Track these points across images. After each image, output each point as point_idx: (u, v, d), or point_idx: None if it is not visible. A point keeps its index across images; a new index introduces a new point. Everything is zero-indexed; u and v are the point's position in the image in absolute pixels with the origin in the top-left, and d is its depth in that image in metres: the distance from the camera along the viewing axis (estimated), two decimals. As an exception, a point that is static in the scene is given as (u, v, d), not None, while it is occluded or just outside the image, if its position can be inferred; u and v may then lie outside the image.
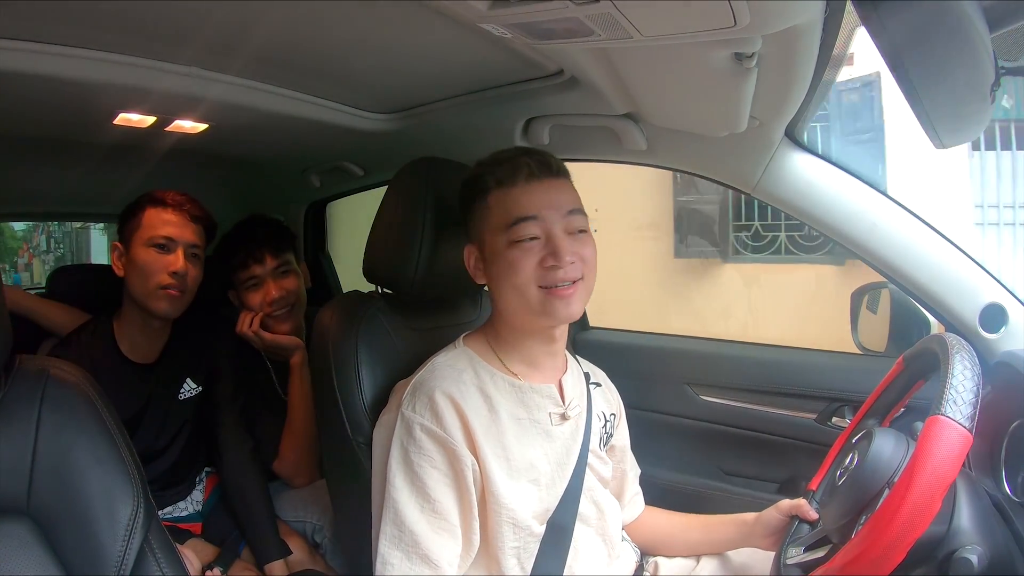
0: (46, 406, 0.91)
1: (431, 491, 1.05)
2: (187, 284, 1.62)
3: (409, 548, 1.04)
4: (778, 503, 1.24)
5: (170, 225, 1.61)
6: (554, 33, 0.94)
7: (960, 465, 0.86)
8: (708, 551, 1.35)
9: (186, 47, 1.20)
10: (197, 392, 1.75)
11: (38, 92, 1.28)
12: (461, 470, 1.06)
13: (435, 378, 1.11)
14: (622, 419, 1.39)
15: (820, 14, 0.90)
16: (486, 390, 1.13)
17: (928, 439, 0.86)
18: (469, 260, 1.18)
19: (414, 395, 1.10)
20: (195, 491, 1.81)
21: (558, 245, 1.08)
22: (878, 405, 1.21)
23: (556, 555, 1.14)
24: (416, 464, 1.06)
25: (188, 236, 1.63)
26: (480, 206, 1.14)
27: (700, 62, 1.01)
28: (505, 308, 1.15)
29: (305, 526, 1.80)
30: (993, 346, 1.34)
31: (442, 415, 1.06)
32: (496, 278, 1.13)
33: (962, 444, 0.85)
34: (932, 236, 1.38)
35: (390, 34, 1.16)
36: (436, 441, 1.06)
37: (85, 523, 0.90)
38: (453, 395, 1.08)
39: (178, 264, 1.59)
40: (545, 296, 1.09)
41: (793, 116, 1.31)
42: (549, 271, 1.08)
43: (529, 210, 1.10)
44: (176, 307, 1.63)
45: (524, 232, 1.09)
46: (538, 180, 1.12)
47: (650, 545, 1.40)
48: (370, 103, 1.60)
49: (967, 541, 0.89)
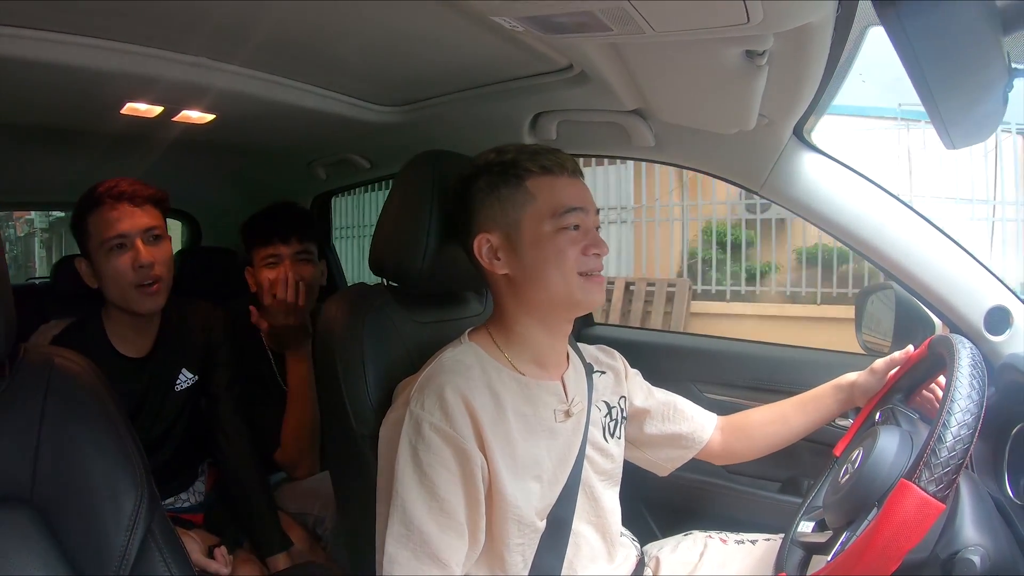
0: (50, 396, 0.91)
1: (440, 490, 1.04)
2: (159, 271, 1.57)
3: (417, 547, 1.03)
4: (872, 365, 1.28)
5: (115, 221, 1.54)
6: (567, 27, 0.94)
7: (923, 533, 0.85)
8: (812, 429, 1.37)
9: (194, 36, 1.20)
10: (194, 382, 1.73)
11: (46, 80, 1.28)
12: (471, 469, 1.05)
13: (444, 374, 1.10)
14: (635, 383, 1.39)
15: (832, 12, 0.90)
16: (493, 387, 1.12)
17: (893, 505, 0.87)
18: (481, 248, 1.15)
19: (423, 392, 1.08)
20: (197, 482, 1.82)
21: (596, 235, 1.15)
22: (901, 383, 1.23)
23: (555, 550, 1.15)
24: (425, 463, 1.05)
25: (139, 222, 1.56)
26: (514, 192, 1.13)
27: (711, 59, 1.01)
28: (541, 296, 1.14)
29: (307, 518, 1.81)
30: (998, 348, 1.33)
31: (452, 413, 1.05)
32: (536, 265, 1.12)
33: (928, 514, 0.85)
34: (938, 238, 1.38)
35: (400, 26, 1.16)
36: (446, 439, 1.05)
37: (89, 513, 0.90)
38: (464, 392, 1.07)
39: (139, 256, 1.53)
40: (584, 282, 1.12)
41: (802, 115, 1.31)
42: (591, 258, 1.13)
43: (576, 201, 1.13)
44: (158, 300, 1.59)
45: (572, 220, 1.12)
46: (578, 175, 1.17)
47: (747, 448, 1.42)
48: (378, 95, 1.60)
49: (970, 542, 0.90)
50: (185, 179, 1.65)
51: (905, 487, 0.86)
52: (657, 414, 1.38)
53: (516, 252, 1.13)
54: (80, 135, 1.74)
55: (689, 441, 1.39)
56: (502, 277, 1.15)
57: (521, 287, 1.14)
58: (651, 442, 1.39)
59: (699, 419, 1.40)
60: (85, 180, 2.25)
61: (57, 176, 2.16)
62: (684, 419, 1.39)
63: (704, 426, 1.40)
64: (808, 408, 1.36)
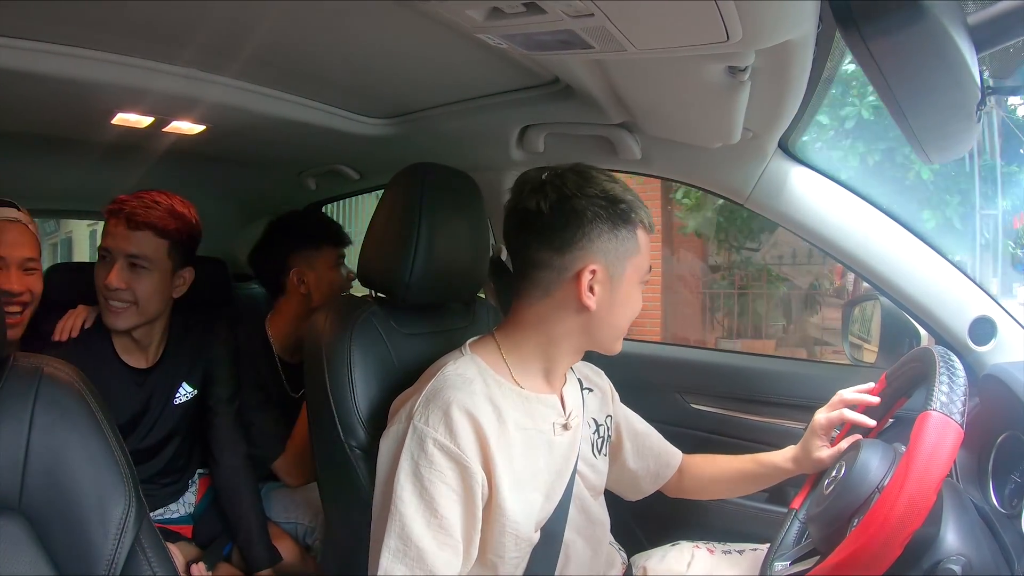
0: (39, 404, 0.91)
1: (439, 507, 1.03)
2: (127, 297, 1.52)
3: (414, 563, 1.01)
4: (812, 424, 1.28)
5: (109, 235, 1.52)
6: (549, 44, 0.95)
7: (953, 458, 0.88)
8: (767, 484, 1.39)
9: (185, 48, 1.20)
10: (193, 395, 1.72)
11: (36, 90, 1.29)
12: (471, 486, 1.04)
13: (449, 389, 1.08)
14: (616, 405, 1.40)
15: (813, 29, 0.91)
16: (495, 400, 1.11)
17: (921, 433, 0.88)
18: (584, 276, 1.11)
19: (427, 408, 1.07)
20: (187, 493, 1.81)
21: None
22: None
23: (547, 560, 1.15)
24: (426, 479, 1.03)
25: (125, 246, 1.51)
26: (629, 237, 1.13)
27: (694, 75, 1.02)
28: (605, 335, 1.18)
29: (297, 528, 1.81)
30: (982, 359, 1.35)
31: (457, 431, 1.04)
32: (617, 310, 1.16)
33: (955, 438, 0.88)
34: (923, 249, 1.40)
35: (388, 40, 1.17)
36: (449, 457, 1.04)
37: (76, 521, 0.90)
38: (469, 409, 1.06)
39: (109, 278, 1.50)
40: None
41: (787, 128, 1.33)
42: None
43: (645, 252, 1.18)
44: (123, 320, 1.54)
45: (647, 279, 1.19)
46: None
47: (696, 494, 1.47)
48: (367, 108, 1.61)
49: (953, 552, 0.90)
50: (175, 190, 1.64)
51: (926, 416, 0.90)
52: (631, 445, 1.41)
53: (609, 292, 1.12)
54: (71, 144, 1.74)
55: (653, 478, 1.43)
56: (577, 305, 1.12)
57: (594, 323, 1.14)
58: (620, 469, 1.41)
59: (665, 458, 1.43)
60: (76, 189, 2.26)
61: (48, 185, 2.16)
62: (652, 456, 1.42)
63: (669, 464, 1.44)
64: (759, 478, 1.38)
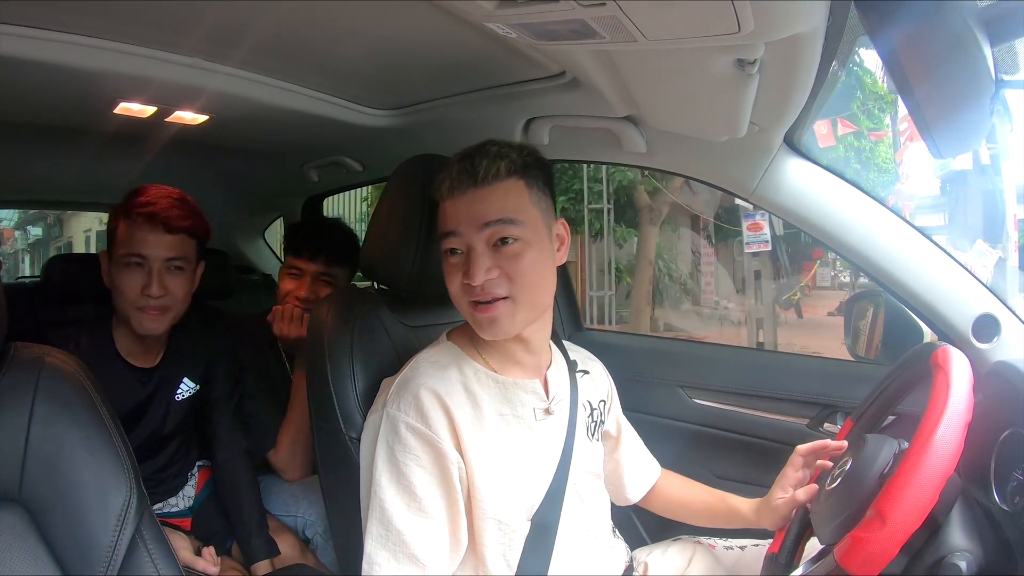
0: (40, 394, 0.91)
1: (417, 490, 1.04)
2: (168, 301, 1.52)
3: (396, 548, 1.03)
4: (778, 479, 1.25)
5: (141, 241, 1.48)
6: (559, 34, 0.94)
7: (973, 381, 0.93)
8: (726, 525, 1.37)
9: (188, 37, 1.20)
10: (194, 391, 1.73)
11: (37, 79, 1.28)
12: (447, 467, 1.05)
13: (419, 375, 1.10)
14: (614, 403, 1.40)
15: (823, 22, 0.91)
16: (470, 387, 1.12)
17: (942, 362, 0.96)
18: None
19: (399, 393, 1.09)
20: (187, 487, 1.81)
21: (472, 261, 1.07)
22: (864, 419, 1.23)
23: (540, 552, 1.14)
24: (402, 463, 1.05)
25: (163, 251, 1.50)
26: None
27: (702, 67, 1.01)
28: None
29: (296, 521, 1.81)
30: (985, 356, 1.34)
31: (427, 413, 1.06)
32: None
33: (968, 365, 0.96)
34: (927, 246, 1.39)
35: (393, 30, 1.17)
36: (422, 439, 1.05)
37: (77, 512, 0.90)
38: (439, 392, 1.07)
39: (151, 286, 1.48)
40: (472, 310, 1.11)
41: (793, 123, 1.32)
42: (468, 287, 1.09)
43: (449, 224, 1.10)
44: (160, 324, 1.54)
45: (447, 245, 1.11)
46: (460, 192, 1.09)
47: (661, 512, 1.47)
48: (370, 99, 1.61)
49: (956, 548, 0.90)
50: (177, 180, 1.64)
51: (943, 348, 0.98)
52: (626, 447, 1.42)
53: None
54: (73, 134, 1.73)
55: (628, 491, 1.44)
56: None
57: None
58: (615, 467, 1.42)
59: (642, 471, 1.45)
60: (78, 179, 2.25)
61: (49, 175, 2.16)
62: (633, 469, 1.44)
63: (644, 481, 1.45)
64: (719, 517, 1.37)
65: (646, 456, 1.46)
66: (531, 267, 1.08)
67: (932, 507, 0.86)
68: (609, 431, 1.38)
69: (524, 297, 1.09)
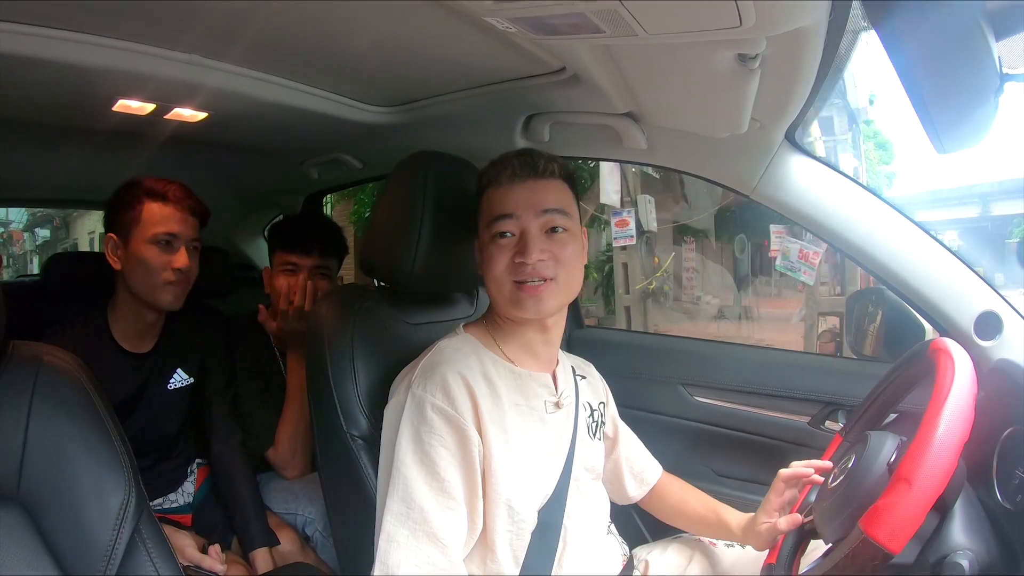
0: (38, 392, 0.90)
1: (441, 470, 1.06)
2: (193, 275, 1.65)
3: (416, 525, 1.03)
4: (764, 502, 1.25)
5: (172, 221, 1.61)
6: (559, 29, 0.94)
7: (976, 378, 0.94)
8: (717, 536, 1.40)
9: (187, 34, 1.20)
10: (188, 383, 1.76)
11: (36, 76, 1.27)
12: (470, 449, 1.07)
13: (444, 360, 1.13)
14: (611, 405, 1.43)
15: (825, 17, 0.90)
16: (489, 375, 1.15)
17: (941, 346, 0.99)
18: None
19: (425, 375, 1.11)
20: (186, 482, 1.81)
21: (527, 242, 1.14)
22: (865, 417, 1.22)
23: (546, 550, 1.15)
24: (427, 443, 1.06)
25: (189, 231, 1.64)
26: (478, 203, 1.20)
27: (703, 62, 1.01)
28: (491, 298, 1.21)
29: (296, 519, 1.81)
30: (987, 353, 1.34)
31: (454, 395, 1.08)
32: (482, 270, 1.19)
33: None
34: (929, 243, 1.38)
35: (393, 26, 1.16)
36: (447, 420, 1.07)
37: (75, 511, 0.90)
38: (464, 375, 1.10)
39: (182, 261, 1.60)
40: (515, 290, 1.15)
41: (794, 119, 1.32)
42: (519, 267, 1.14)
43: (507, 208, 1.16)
44: (180, 299, 1.64)
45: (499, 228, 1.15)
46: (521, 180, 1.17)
47: (656, 513, 1.48)
48: (370, 96, 1.60)
49: (959, 546, 0.90)
50: (177, 177, 1.65)
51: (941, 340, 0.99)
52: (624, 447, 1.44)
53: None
54: (71, 132, 1.73)
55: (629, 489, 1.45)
56: None
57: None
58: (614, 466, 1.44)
59: (642, 470, 1.46)
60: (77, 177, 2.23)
61: (48, 173, 2.15)
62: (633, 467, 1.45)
63: (645, 479, 1.46)
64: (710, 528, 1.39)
65: (646, 456, 1.48)
66: (574, 256, 1.17)
67: (954, 470, 0.87)
68: (607, 433, 1.40)
69: (566, 281, 1.17)
